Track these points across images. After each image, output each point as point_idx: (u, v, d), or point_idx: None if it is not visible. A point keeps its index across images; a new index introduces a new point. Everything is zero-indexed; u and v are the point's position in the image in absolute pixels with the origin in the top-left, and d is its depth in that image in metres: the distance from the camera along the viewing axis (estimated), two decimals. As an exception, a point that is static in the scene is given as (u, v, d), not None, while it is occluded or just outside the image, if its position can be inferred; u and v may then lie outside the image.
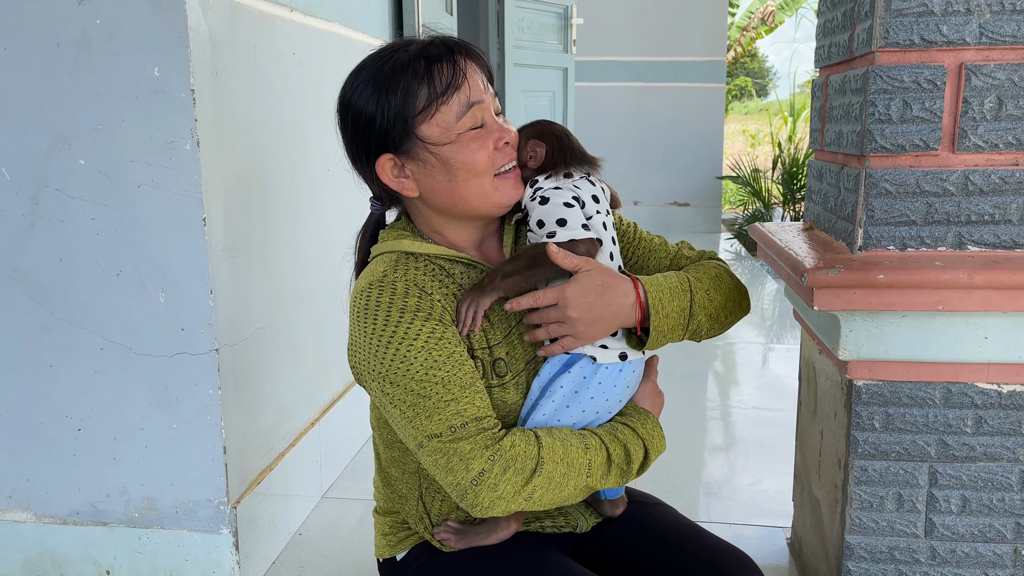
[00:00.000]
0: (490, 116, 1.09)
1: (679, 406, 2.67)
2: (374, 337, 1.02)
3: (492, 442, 1.03)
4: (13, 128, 1.42)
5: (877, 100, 1.23)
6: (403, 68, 1.05)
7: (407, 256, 1.10)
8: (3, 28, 1.38)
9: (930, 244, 1.26)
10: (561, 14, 4.79)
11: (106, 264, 1.45)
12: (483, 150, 1.07)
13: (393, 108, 1.05)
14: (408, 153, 1.07)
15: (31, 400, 1.53)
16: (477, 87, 1.08)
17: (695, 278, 1.19)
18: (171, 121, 1.38)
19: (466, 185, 1.08)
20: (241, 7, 1.53)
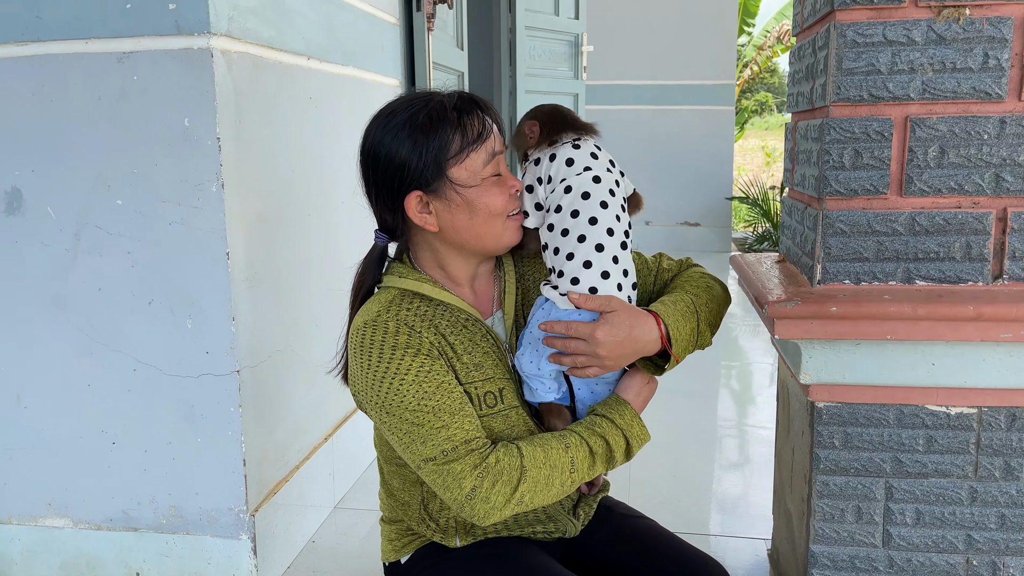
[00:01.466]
0: (504, 167, 1.25)
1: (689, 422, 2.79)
2: (370, 372, 1.16)
3: (480, 460, 1.15)
4: (59, 172, 1.58)
5: (831, 149, 1.36)
6: (439, 117, 1.18)
7: (402, 294, 1.23)
8: (52, 84, 1.55)
9: (881, 279, 1.39)
10: (572, 42, 4.94)
11: (140, 293, 1.60)
12: (502, 195, 1.22)
13: (430, 151, 1.18)
14: (436, 192, 1.20)
15: (71, 416, 1.68)
16: (499, 141, 1.23)
17: (694, 295, 1.34)
18: (199, 166, 1.53)
19: (485, 223, 1.22)
20: (262, 60, 1.69)
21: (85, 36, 1.52)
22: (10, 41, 1.55)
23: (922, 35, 1.31)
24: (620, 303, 1.22)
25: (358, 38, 2.24)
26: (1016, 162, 1.33)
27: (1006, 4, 1.30)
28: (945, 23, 1.31)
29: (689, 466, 2.48)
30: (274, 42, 1.74)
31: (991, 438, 1.41)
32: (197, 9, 1.48)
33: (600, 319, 1.19)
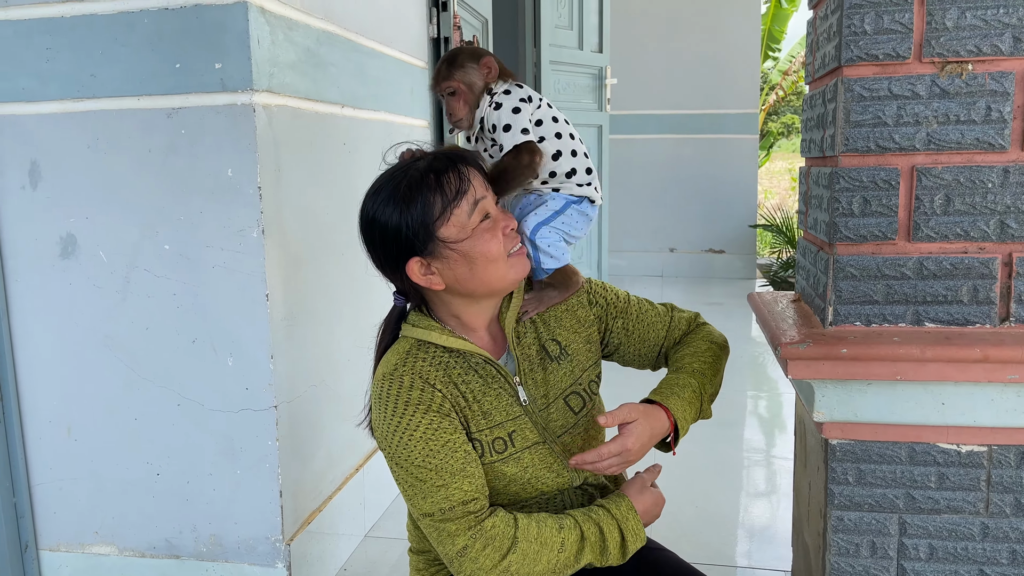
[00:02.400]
0: (494, 208, 1.31)
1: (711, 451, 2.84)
2: (383, 424, 1.25)
3: (476, 523, 1.23)
4: (111, 219, 1.69)
5: (841, 197, 1.43)
6: (418, 184, 1.25)
7: (418, 343, 1.31)
8: (106, 137, 1.66)
9: (891, 321, 1.44)
10: (596, 75, 5.04)
11: (184, 332, 1.70)
12: (495, 239, 1.28)
13: (416, 219, 1.25)
14: (433, 254, 1.27)
15: (118, 448, 1.78)
16: (480, 186, 1.28)
17: (700, 374, 1.45)
18: (241, 213, 1.63)
19: (485, 270, 1.28)
20: (300, 111, 1.79)
21: (137, 93, 1.63)
22: (67, 97, 1.66)
23: (926, 89, 1.37)
24: (634, 409, 1.31)
25: (388, 84, 2.34)
26: (1020, 209, 1.39)
27: (1008, 59, 1.36)
28: (948, 78, 1.37)
29: (710, 496, 2.52)
30: (311, 93, 1.84)
31: (1001, 475, 1.45)
32: (241, 68, 1.58)
33: (624, 431, 1.29)
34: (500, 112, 1.40)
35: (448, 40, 2.76)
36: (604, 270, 5.31)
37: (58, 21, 1.63)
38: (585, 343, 1.43)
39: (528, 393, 1.35)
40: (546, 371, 1.38)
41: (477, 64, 1.42)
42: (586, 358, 1.43)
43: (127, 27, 1.61)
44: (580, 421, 1.40)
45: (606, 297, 1.48)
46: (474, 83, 1.42)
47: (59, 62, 1.65)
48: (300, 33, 1.78)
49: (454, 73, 1.41)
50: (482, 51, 1.45)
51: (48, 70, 1.65)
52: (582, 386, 1.41)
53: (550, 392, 1.37)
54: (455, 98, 1.42)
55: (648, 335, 1.50)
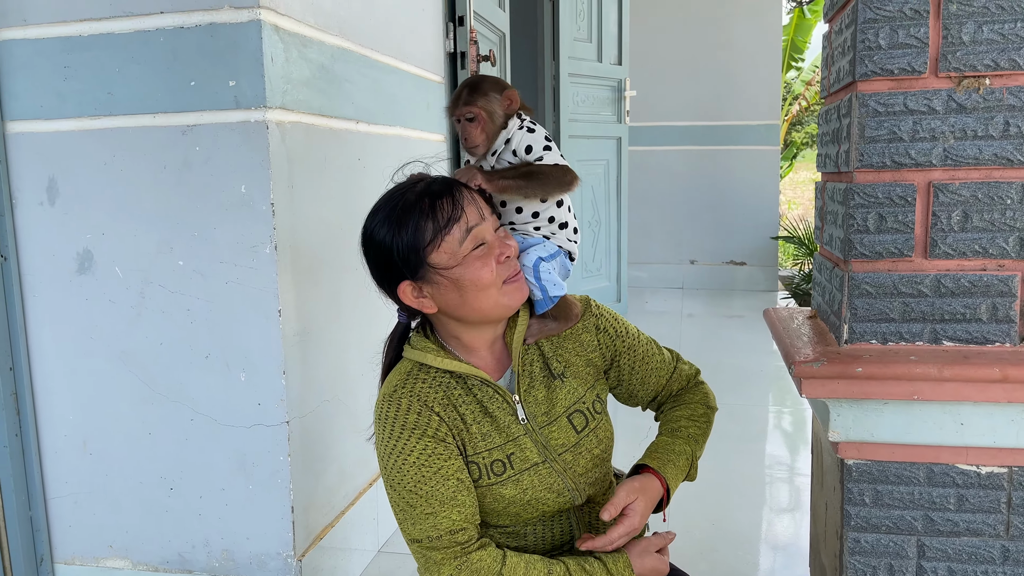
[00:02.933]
0: (490, 235, 1.30)
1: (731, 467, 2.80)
2: (381, 445, 1.26)
3: (462, 553, 1.23)
4: (126, 235, 1.70)
5: (856, 213, 1.41)
6: (411, 208, 1.25)
7: (418, 365, 1.31)
8: (122, 154, 1.68)
9: (908, 339, 1.42)
10: (615, 87, 5.04)
11: (198, 348, 1.71)
12: (486, 267, 1.27)
13: (407, 243, 1.25)
14: (423, 278, 1.27)
15: (132, 462, 1.79)
16: (475, 213, 1.27)
17: (694, 440, 1.48)
18: (254, 229, 1.64)
19: (475, 298, 1.28)
20: (314, 128, 1.80)
21: (153, 111, 1.65)
22: (85, 115, 1.68)
23: (943, 104, 1.35)
24: (632, 489, 1.33)
25: (404, 99, 2.35)
26: (1040, 226, 1.36)
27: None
28: (965, 92, 1.35)
29: (729, 513, 2.49)
30: (325, 110, 1.85)
31: (1023, 497, 1.42)
32: (254, 85, 1.59)
33: (628, 511, 1.31)
34: (534, 136, 1.42)
35: (465, 55, 2.76)
36: (623, 282, 5.29)
37: (76, 40, 1.66)
38: (586, 365, 1.43)
39: (528, 411, 1.35)
40: (549, 389, 1.37)
41: (500, 94, 1.43)
42: (587, 379, 1.42)
43: (143, 45, 1.63)
44: (583, 440, 1.38)
45: (616, 328, 1.47)
46: (494, 112, 1.43)
47: (77, 80, 1.67)
48: (314, 50, 1.79)
49: (476, 100, 1.42)
50: (504, 82, 1.46)
51: (66, 88, 1.67)
52: (585, 404, 1.40)
53: (552, 410, 1.37)
54: (473, 124, 1.42)
55: (649, 379, 1.50)
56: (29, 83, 1.69)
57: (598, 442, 1.40)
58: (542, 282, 1.38)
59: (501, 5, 3.41)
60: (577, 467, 1.37)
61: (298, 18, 1.72)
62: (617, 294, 5.27)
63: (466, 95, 1.42)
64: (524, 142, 1.41)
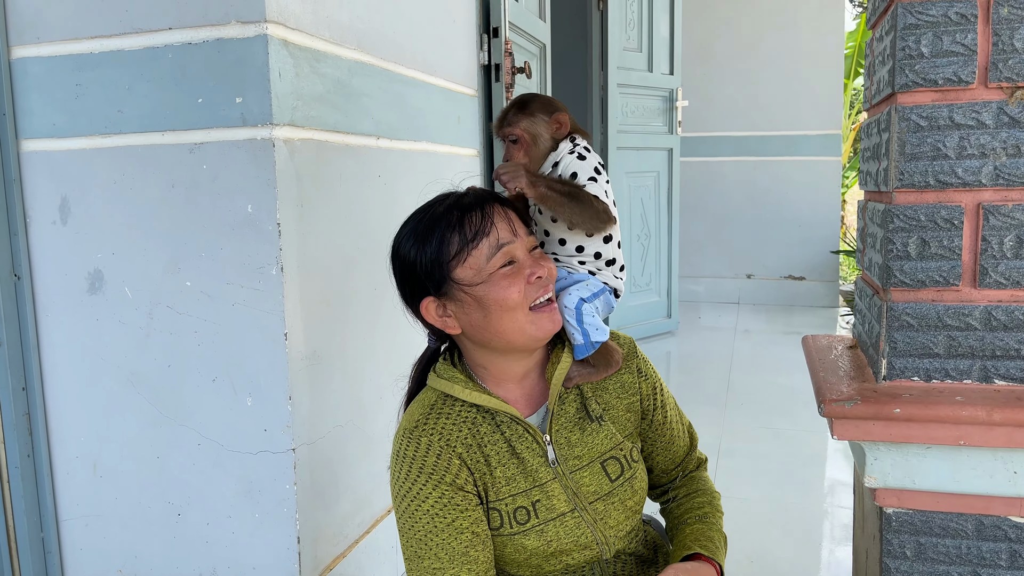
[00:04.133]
0: (522, 253, 1.22)
1: (773, 500, 2.66)
2: (396, 485, 1.19)
3: None
4: (135, 255, 1.67)
5: (895, 237, 1.28)
6: (439, 220, 1.20)
7: (445, 399, 1.23)
8: (131, 173, 1.65)
9: (955, 377, 1.28)
10: (666, 97, 4.91)
11: (204, 371, 1.66)
12: (514, 287, 1.19)
13: (430, 255, 1.19)
14: (447, 295, 1.21)
15: (141, 486, 1.75)
16: (506, 229, 1.20)
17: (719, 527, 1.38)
18: (260, 250, 1.59)
19: (499, 321, 1.19)
20: (327, 144, 1.75)
21: (162, 128, 1.61)
22: (96, 133, 1.66)
23: (993, 118, 1.22)
24: (681, 570, 1.23)
25: (432, 113, 2.29)
26: (1106, 253, 1.21)
27: (1090, 82, 1.20)
28: (1019, 104, 1.21)
29: (769, 551, 2.35)
30: (340, 126, 1.80)
31: (1086, 557, 1.26)
32: (261, 101, 1.54)
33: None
34: (583, 164, 1.33)
35: (499, 67, 2.69)
36: (674, 297, 5.14)
37: (87, 57, 1.64)
38: (627, 410, 1.33)
39: (559, 452, 1.25)
40: (584, 432, 1.28)
41: (548, 116, 1.35)
42: (626, 426, 1.33)
43: (152, 62, 1.60)
44: (617, 490, 1.28)
45: (655, 381, 1.39)
46: (540, 135, 1.35)
47: (88, 98, 1.65)
48: (329, 65, 1.74)
49: (521, 120, 1.34)
50: (556, 104, 1.38)
51: (78, 106, 1.65)
52: (623, 452, 1.31)
53: (586, 454, 1.27)
54: (516, 146, 1.35)
55: (673, 446, 1.42)
56: (43, 101, 1.67)
57: (632, 492, 1.30)
58: (584, 325, 1.29)
59: (542, 16, 3.33)
60: (608, 518, 1.27)
61: (310, 32, 1.67)
62: (667, 309, 5.13)
63: (511, 115, 1.35)
64: (571, 168, 1.33)
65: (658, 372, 1.42)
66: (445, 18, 2.42)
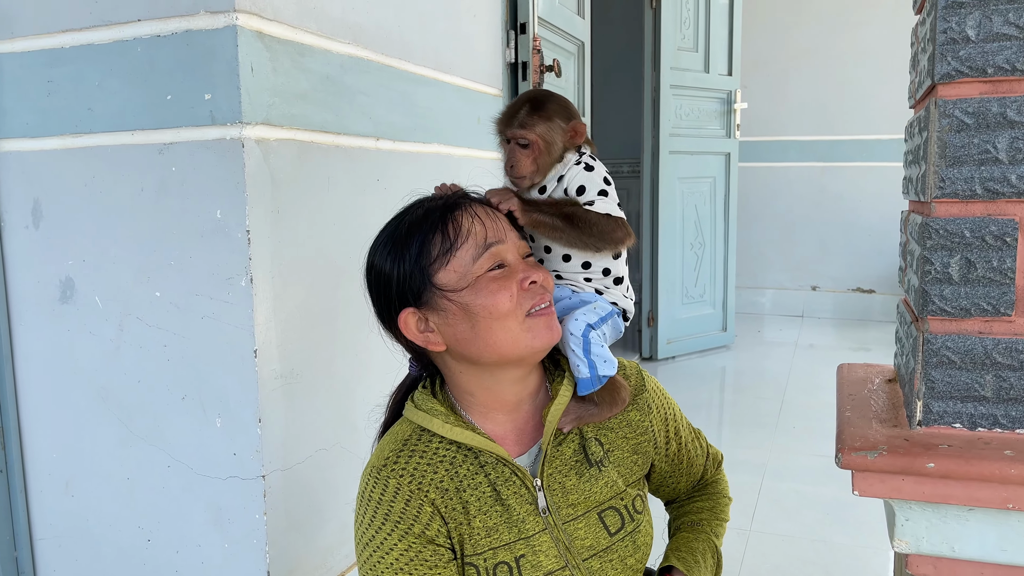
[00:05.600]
0: (513, 256, 1.06)
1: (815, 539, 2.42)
2: (358, 529, 1.05)
3: None
4: (106, 263, 1.57)
5: (933, 256, 1.07)
6: (419, 222, 1.05)
7: (422, 433, 1.08)
8: (102, 176, 1.55)
9: (1005, 425, 1.06)
10: (724, 99, 4.67)
11: (174, 388, 1.55)
12: (504, 291, 1.03)
13: (409, 260, 1.04)
14: (429, 304, 1.05)
15: (112, 508, 1.65)
16: (494, 228, 1.05)
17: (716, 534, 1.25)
18: (229, 259, 1.47)
19: (489, 330, 1.03)
20: (313, 146, 1.62)
21: (131, 128, 1.51)
22: (67, 133, 1.56)
23: (1056, 113, 1.00)
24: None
25: (444, 114, 2.14)
26: None
27: None
28: (1089, 97, 0.99)
29: None
30: (330, 126, 1.67)
31: None
32: (230, 98, 1.42)
33: None
34: (590, 176, 1.17)
35: (527, 65, 2.53)
36: (730, 310, 4.88)
37: (58, 52, 1.55)
38: (632, 453, 1.16)
39: (551, 500, 1.09)
40: (581, 477, 1.11)
41: (566, 123, 1.18)
42: (632, 471, 1.15)
43: (121, 56, 1.49)
44: (616, 545, 1.11)
45: (666, 411, 1.22)
46: (554, 143, 1.18)
47: (59, 96, 1.56)
48: (316, 59, 1.61)
49: (537, 124, 1.16)
50: (573, 109, 1.21)
51: (49, 104, 1.57)
52: (624, 502, 1.13)
53: (581, 503, 1.10)
54: (526, 152, 1.17)
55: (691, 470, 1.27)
56: (16, 99, 1.59)
57: (634, 549, 1.13)
58: (591, 356, 1.12)
59: (580, 12, 3.16)
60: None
61: (292, 24, 1.54)
62: (723, 322, 4.88)
63: (525, 114, 1.17)
64: (577, 181, 1.17)
65: (669, 396, 1.25)
66: (463, 13, 2.27)
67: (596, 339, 1.14)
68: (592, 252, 1.18)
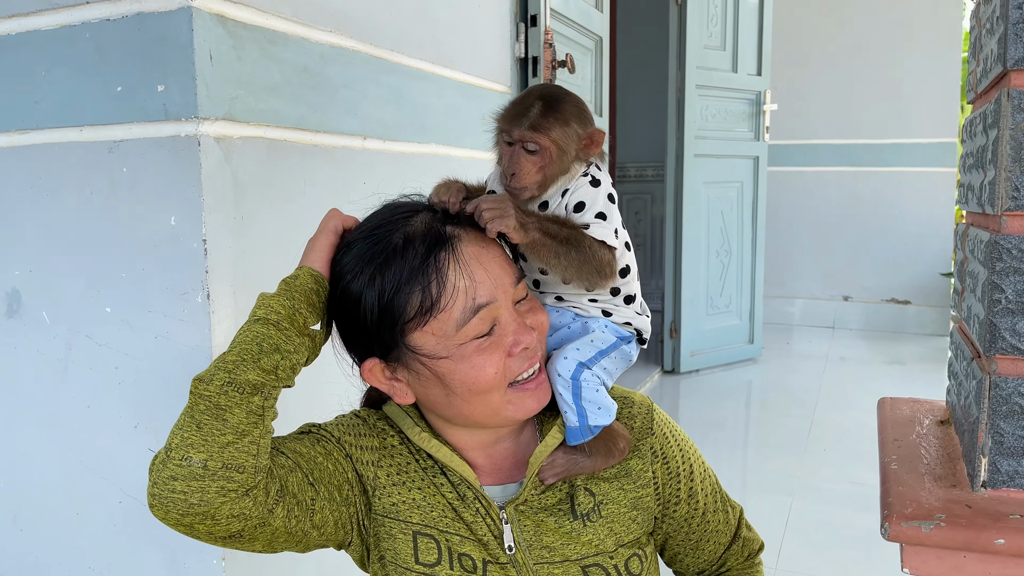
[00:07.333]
0: (507, 312, 0.89)
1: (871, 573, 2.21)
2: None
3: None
4: (53, 274, 1.42)
5: (1004, 282, 0.87)
6: (394, 255, 0.87)
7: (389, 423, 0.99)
8: (48, 176, 1.40)
9: (1094, 492, 0.86)
10: (753, 100, 4.46)
11: (125, 415, 1.39)
12: (490, 365, 0.88)
13: (380, 308, 0.87)
14: (399, 361, 0.90)
15: (60, 546, 1.49)
16: (488, 282, 0.87)
17: None
18: (184, 271, 1.30)
19: (466, 402, 0.90)
20: (286, 144, 1.45)
21: (79, 123, 1.35)
22: (13, 129, 1.41)
23: None
24: None
25: (444, 111, 1.97)
26: None
27: None
28: None
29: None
30: (307, 122, 1.50)
31: None
32: (185, 90, 1.25)
33: None
34: (594, 194, 0.99)
35: (537, 60, 2.35)
36: (757, 321, 4.66)
37: (4, 40, 1.39)
38: (631, 508, 0.98)
39: (521, 537, 0.92)
40: (560, 528, 0.94)
41: (584, 130, 0.99)
42: (629, 528, 0.97)
43: (68, 43, 1.34)
44: None
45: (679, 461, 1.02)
46: (568, 151, 0.99)
47: (4, 88, 1.41)
48: (290, 48, 1.44)
49: (552, 127, 0.97)
50: (590, 113, 1.03)
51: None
52: (613, 561, 0.95)
53: (559, 548, 0.94)
54: (534, 158, 0.98)
55: (705, 544, 1.07)
56: (-37, 92, 1.44)
57: None
58: (582, 403, 0.95)
59: (598, 6, 2.97)
60: None
61: (262, 8, 1.38)
62: (749, 334, 4.65)
63: (538, 114, 0.97)
64: (578, 196, 0.98)
65: (689, 444, 1.05)
66: (467, 2, 2.10)
67: (590, 382, 0.96)
68: (582, 285, 1.00)
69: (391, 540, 0.93)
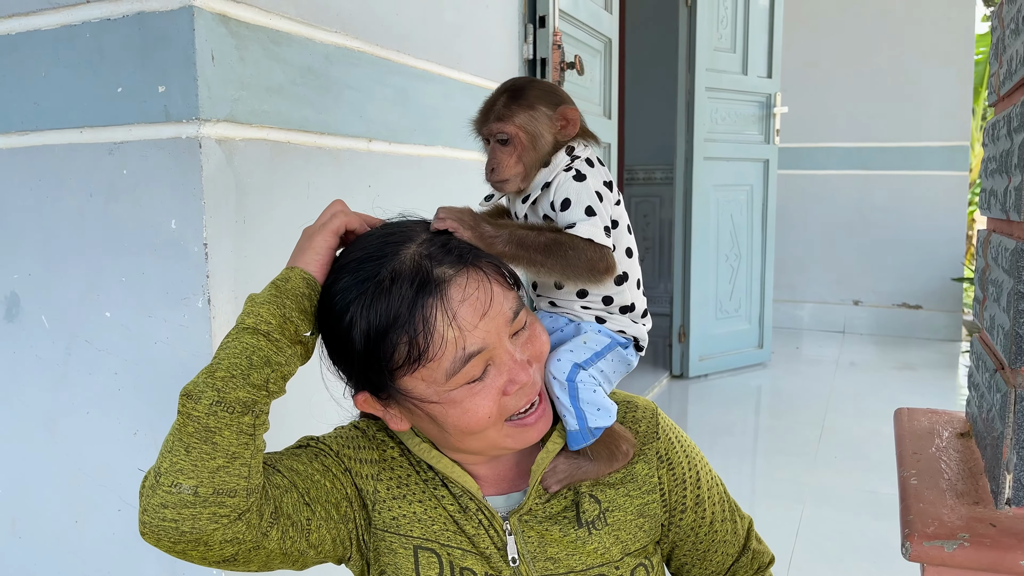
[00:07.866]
0: (501, 354, 0.85)
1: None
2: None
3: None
4: (52, 278, 1.40)
5: (1032, 292, 0.84)
6: (382, 294, 0.83)
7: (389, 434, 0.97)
8: (49, 178, 1.38)
9: (1126, 511, 0.83)
10: (763, 103, 4.42)
11: (125, 422, 1.37)
12: (483, 408, 0.85)
13: (367, 350, 0.84)
14: (391, 397, 0.88)
15: (59, 554, 1.47)
16: (476, 330, 0.83)
17: None
18: (185, 276, 1.28)
19: (462, 440, 0.88)
20: (290, 147, 1.42)
21: (79, 124, 1.33)
22: (13, 131, 1.39)
23: None
24: None
25: (451, 113, 1.94)
26: None
27: None
28: None
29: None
30: (311, 124, 1.47)
31: None
32: (186, 92, 1.23)
33: None
34: (579, 188, 0.95)
35: (546, 62, 2.32)
36: (766, 325, 4.62)
37: (5, 40, 1.37)
38: (638, 515, 0.95)
39: (525, 549, 0.89)
40: (565, 536, 0.92)
41: (553, 110, 0.97)
42: (636, 536, 0.94)
43: (68, 44, 1.31)
44: None
45: (684, 469, 1.00)
46: (539, 135, 0.97)
47: (5, 88, 1.39)
48: (294, 49, 1.42)
49: (516, 114, 0.97)
50: (561, 94, 1.01)
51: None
52: (619, 571, 0.93)
53: (564, 559, 0.92)
54: (506, 149, 0.97)
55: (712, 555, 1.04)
56: (-37, 93, 1.41)
57: None
58: (580, 404, 0.93)
59: (608, 7, 2.94)
60: None
61: (265, 8, 1.35)
62: (758, 339, 4.61)
63: (501, 105, 0.99)
64: (562, 193, 0.95)
65: (695, 450, 1.02)
66: (475, 3, 2.07)
67: (587, 382, 0.93)
68: (573, 286, 0.98)
69: (392, 555, 0.91)
